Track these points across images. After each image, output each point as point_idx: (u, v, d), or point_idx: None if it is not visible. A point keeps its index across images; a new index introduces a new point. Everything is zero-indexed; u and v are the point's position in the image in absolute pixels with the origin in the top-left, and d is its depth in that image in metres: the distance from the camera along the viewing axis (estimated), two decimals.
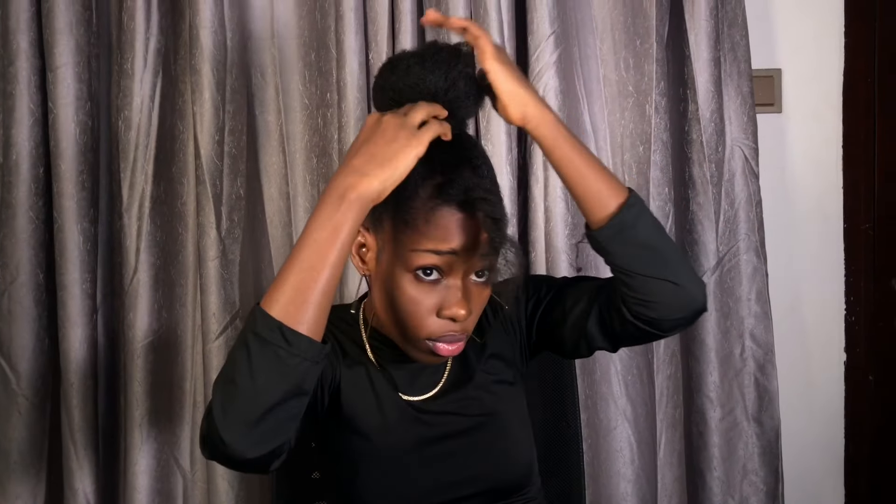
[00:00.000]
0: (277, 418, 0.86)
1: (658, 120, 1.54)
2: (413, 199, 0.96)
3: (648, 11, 1.54)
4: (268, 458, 0.88)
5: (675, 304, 1.01)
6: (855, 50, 1.71)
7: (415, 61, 0.99)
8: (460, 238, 0.96)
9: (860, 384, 1.76)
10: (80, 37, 1.48)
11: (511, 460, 1.10)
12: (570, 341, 1.09)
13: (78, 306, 1.50)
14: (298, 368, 0.86)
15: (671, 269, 1.01)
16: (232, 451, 0.85)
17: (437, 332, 0.99)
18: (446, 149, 0.97)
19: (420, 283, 0.98)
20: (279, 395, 0.85)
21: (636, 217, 1.00)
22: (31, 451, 1.55)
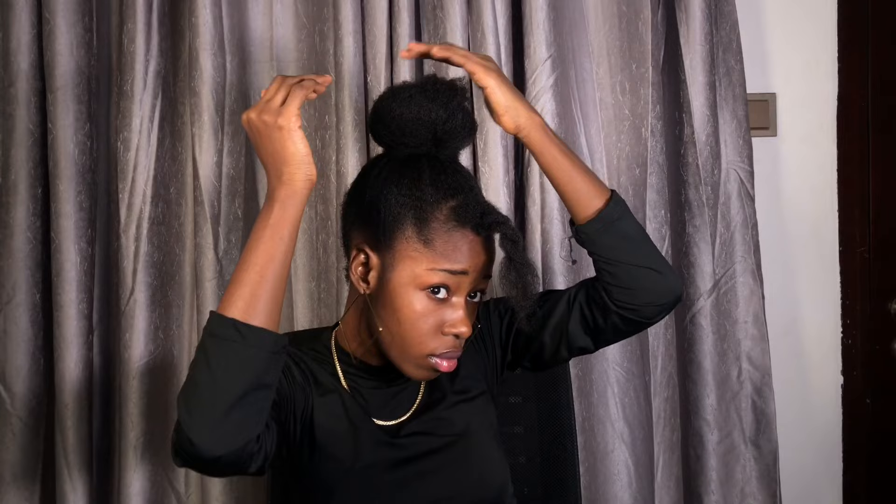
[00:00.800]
0: (242, 413, 0.88)
1: (654, 143, 1.55)
2: (433, 221, 1.02)
3: (644, 36, 1.56)
4: (238, 455, 0.89)
5: (657, 290, 1.09)
6: (848, 75, 1.73)
7: (417, 91, 1.05)
8: (472, 259, 1.03)
9: (857, 407, 1.75)
10: (80, 58, 1.49)
11: (484, 478, 1.11)
12: (550, 346, 1.14)
13: (74, 327, 1.49)
14: (255, 359, 0.89)
15: (653, 259, 1.10)
16: (200, 451, 0.87)
17: (440, 348, 1.03)
18: (452, 173, 1.05)
19: (429, 301, 1.02)
20: (240, 388, 0.87)
21: (621, 212, 1.09)
22: (25, 473, 1.54)
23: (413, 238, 1.02)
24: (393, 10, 1.51)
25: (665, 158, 1.58)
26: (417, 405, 1.12)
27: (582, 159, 1.54)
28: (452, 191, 1.03)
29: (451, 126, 1.05)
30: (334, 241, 1.54)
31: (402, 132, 1.05)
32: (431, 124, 1.04)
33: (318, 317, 1.57)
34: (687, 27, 1.55)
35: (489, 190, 1.50)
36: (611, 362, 1.56)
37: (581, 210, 1.08)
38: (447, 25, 1.50)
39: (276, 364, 0.91)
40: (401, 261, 1.02)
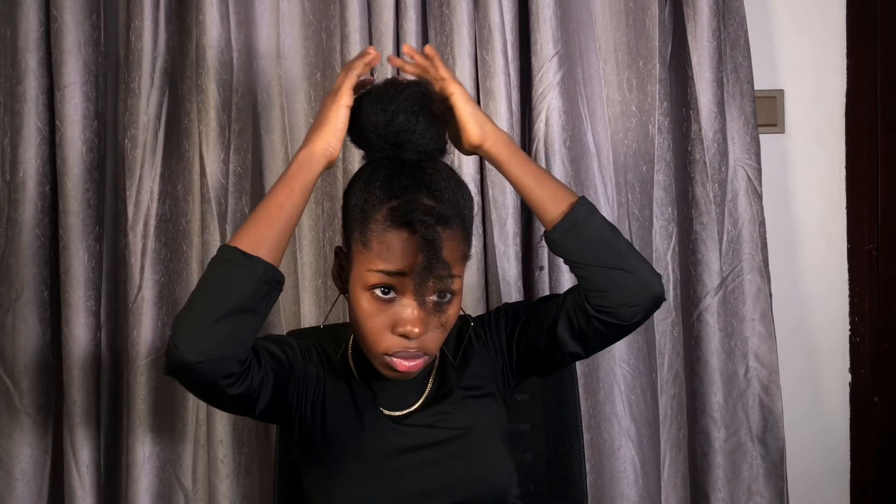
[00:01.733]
0: (225, 328, 0.95)
1: (661, 140, 1.55)
2: (370, 223, 1.03)
3: (651, 33, 1.55)
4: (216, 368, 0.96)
5: (631, 290, 1.07)
6: (857, 71, 1.72)
7: (365, 97, 1.07)
8: (409, 259, 1.02)
9: (865, 405, 1.75)
10: (87, 56, 1.50)
11: (487, 475, 1.12)
12: (546, 352, 1.14)
13: (82, 324, 1.50)
14: (245, 282, 0.96)
15: (623, 259, 1.08)
16: (181, 354, 0.94)
17: (393, 347, 1.05)
18: (405, 174, 1.04)
19: (376, 301, 1.04)
20: (226, 304, 0.95)
21: (587, 214, 1.08)
22: (34, 468, 1.55)
23: (357, 240, 1.05)
24: (399, 7, 1.51)
25: (672, 155, 1.58)
26: (425, 399, 1.14)
27: (588, 157, 1.56)
28: (398, 191, 1.03)
29: (393, 129, 1.05)
30: (340, 240, 1.54)
31: (357, 141, 1.09)
32: (374, 128, 1.06)
33: (325, 314, 1.58)
34: (694, 23, 1.54)
35: None
36: (617, 360, 1.56)
37: (548, 213, 1.08)
38: (454, 22, 1.50)
39: (265, 293, 0.98)
40: (353, 262, 1.06)
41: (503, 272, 1.52)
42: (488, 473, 1.12)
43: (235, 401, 1.01)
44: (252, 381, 1.00)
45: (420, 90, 1.07)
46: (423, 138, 1.06)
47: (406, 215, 1.01)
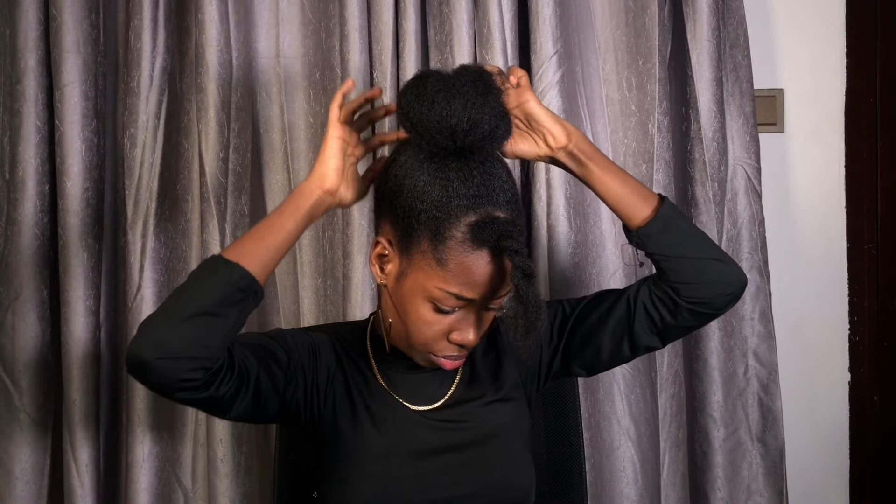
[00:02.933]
0: (188, 329, 0.93)
1: (661, 139, 1.55)
2: (448, 239, 0.98)
3: (651, 32, 1.55)
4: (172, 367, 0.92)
5: (724, 279, 1.09)
6: (856, 70, 1.72)
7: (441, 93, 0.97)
8: (485, 288, 0.99)
9: (864, 404, 1.75)
10: (87, 55, 1.50)
11: (509, 483, 1.10)
12: (610, 347, 1.12)
13: (81, 323, 1.50)
14: (215, 286, 0.95)
15: (715, 250, 1.11)
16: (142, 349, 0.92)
17: (444, 351, 1.03)
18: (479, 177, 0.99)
19: (437, 312, 1.01)
20: (195, 307, 0.94)
21: (675, 209, 1.09)
22: (33, 468, 1.55)
23: (428, 253, 0.99)
24: (399, 5, 1.51)
25: (672, 155, 1.58)
26: (451, 395, 1.11)
27: None
28: (476, 200, 0.98)
29: (473, 137, 0.98)
30: (340, 238, 1.54)
31: (421, 137, 0.99)
32: (450, 132, 0.97)
33: (325, 313, 1.58)
34: (694, 22, 1.54)
35: None
36: None
37: (637, 213, 1.08)
38: (453, 21, 1.50)
39: (237, 299, 0.96)
40: (414, 270, 1.01)
41: None
42: (510, 481, 1.10)
43: (199, 403, 0.99)
44: (218, 389, 0.96)
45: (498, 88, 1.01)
46: (497, 143, 1.02)
47: (495, 241, 0.96)
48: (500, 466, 1.10)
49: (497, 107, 1.00)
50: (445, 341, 1.03)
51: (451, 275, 0.98)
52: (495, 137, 1.00)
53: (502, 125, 1.00)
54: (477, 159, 1.00)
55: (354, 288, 1.50)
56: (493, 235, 0.97)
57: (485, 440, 1.10)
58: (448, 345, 1.03)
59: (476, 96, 0.97)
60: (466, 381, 1.13)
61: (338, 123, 1.05)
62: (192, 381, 0.94)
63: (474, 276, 0.98)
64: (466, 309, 1.01)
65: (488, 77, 1.01)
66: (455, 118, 0.96)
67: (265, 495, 1.56)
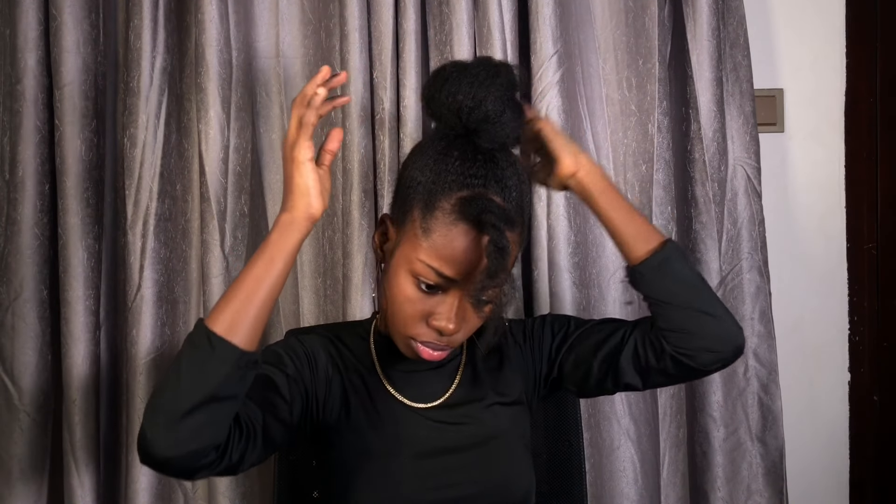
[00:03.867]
0: (198, 421, 0.89)
1: (661, 139, 1.55)
2: (437, 209, 0.99)
3: (651, 31, 1.55)
4: (188, 460, 0.90)
5: (714, 336, 1.05)
6: (856, 70, 1.72)
7: (454, 75, 1.01)
8: (464, 267, 0.99)
9: (864, 404, 1.75)
10: (87, 55, 1.50)
11: (510, 484, 1.10)
12: (597, 375, 1.11)
13: (81, 323, 1.50)
14: (218, 371, 0.89)
15: (710, 305, 1.06)
16: (153, 449, 0.89)
17: (421, 336, 1.02)
18: (479, 163, 0.99)
19: (418, 289, 1.01)
20: (199, 396, 0.89)
21: (676, 254, 1.07)
22: (33, 468, 1.55)
23: (417, 222, 1.00)
24: (399, 5, 1.51)
25: (671, 155, 1.58)
26: (453, 393, 1.11)
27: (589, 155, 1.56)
28: (470, 180, 0.99)
29: (477, 116, 0.99)
30: (340, 238, 1.54)
31: (433, 113, 1.03)
32: (456, 111, 1.00)
33: (325, 313, 1.58)
34: (694, 22, 1.54)
35: None
36: None
37: (637, 249, 1.07)
38: (453, 21, 1.50)
39: (239, 379, 0.91)
40: (404, 240, 1.02)
41: None
42: (512, 483, 1.10)
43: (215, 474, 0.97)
44: (231, 457, 0.95)
45: (512, 78, 1.02)
46: (503, 130, 1.01)
47: (478, 213, 0.97)
48: (500, 469, 1.09)
49: (504, 91, 1.01)
50: (424, 325, 1.02)
51: (433, 247, 0.98)
52: (501, 121, 1.00)
53: (509, 111, 1.01)
54: (484, 146, 1.01)
55: (354, 288, 1.49)
56: (477, 209, 0.97)
57: (485, 442, 1.10)
58: (427, 330, 1.02)
59: (485, 77, 1.00)
60: (468, 383, 1.13)
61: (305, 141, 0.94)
62: (210, 461, 0.93)
63: (454, 251, 0.98)
64: (446, 295, 1.00)
65: (502, 65, 1.03)
66: (461, 94, 0.99)
67: (265, 495, 1.56)
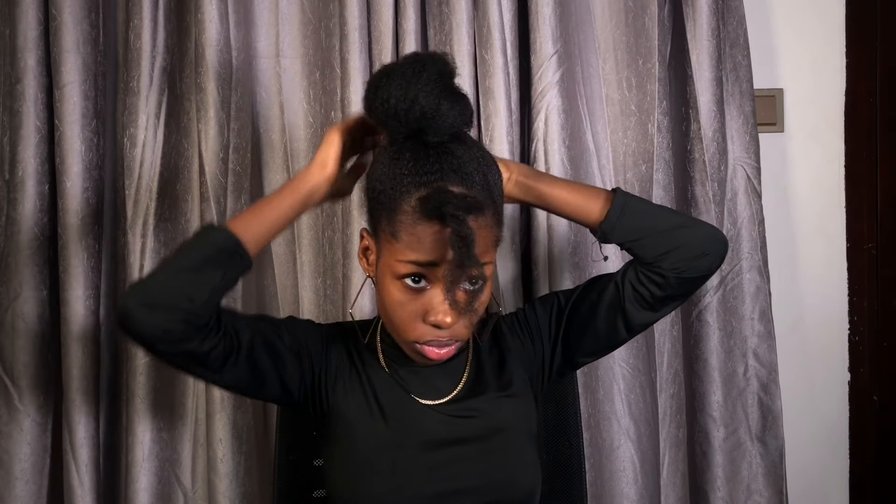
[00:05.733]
0: (173, 283, 0.98)
1: (660, 139, 1.55)
2: (399, 213, 1.00)
3: (650, 31, 1.55)
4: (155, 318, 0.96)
5: (696, 241, 1.11)
6: (856, 70, 1.72)
7: (385, 77, 1.00)
8: (440, 250, 0.99)
9: (864, 404, 1.75)
10: (87, 55, 1.50)
11: (515, 479, 1.11)
12: (606, 331, 1.15)
13: (81, 323, 1.50)
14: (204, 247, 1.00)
15: (681, 217, 1.16)
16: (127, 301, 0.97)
17: (424, 336, 1.03)
18: (431, 159, 1.00)
19: (406, 290, 1.02)
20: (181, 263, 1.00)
21: (628, 196, 1.12)
22: (33, 468, 1.55)
23: (386, 229, 1.02)
24: (399, 5, 1.51)
25: (671, 154, 1.58)
26: (459, 391, 1.12)
27: (587, 156, 1.56)
28: (426, 178, 0.99)
29: (413, 116, 0.98)
30: (340, 238, 1.54)
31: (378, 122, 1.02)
32: (395, 115, 0.99)
33: (324, 312, 1.58)
34: (694, 22, 1.54)
35: None
36: (616, 359, 1.56)
37: (592, 213, 1.12)
38: (453, 21, 1.50)
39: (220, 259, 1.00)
40: (382, 249, 1.04)
41: (502, 272, 1.52)
42: (517, 476, 1.11)
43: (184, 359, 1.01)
44: (202, 344, 0.99)
45: (441, 67, 1.01)
46: (446, 121, 1.00)
47: (437, 208, 0.96)
48: (505, 462, 1.10)
49: (436, 83, 0.99)
50: (422, 324, 1.02)
51: (404, 244, 1.00)
52: (439, 113, 0.98)
53: (445, 102, 0.99)
54: (433, 140, 1.00)
55: (354, 288, 1.49)
56: (437, 204, 0.97)
57: (491, 435, 1.10)
58: (427, 329, 1.02)
59: (412, 75, 0.98)
60: (473, 377, 1.14)
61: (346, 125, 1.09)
62: (173, 333, 0.97)
63: (425, 244, 0.99)
64: (435, 288, 1.01)
65: (428, 56, 1.01)
66: (393, 97, 0.98)
67: (265, 495, 1.56)
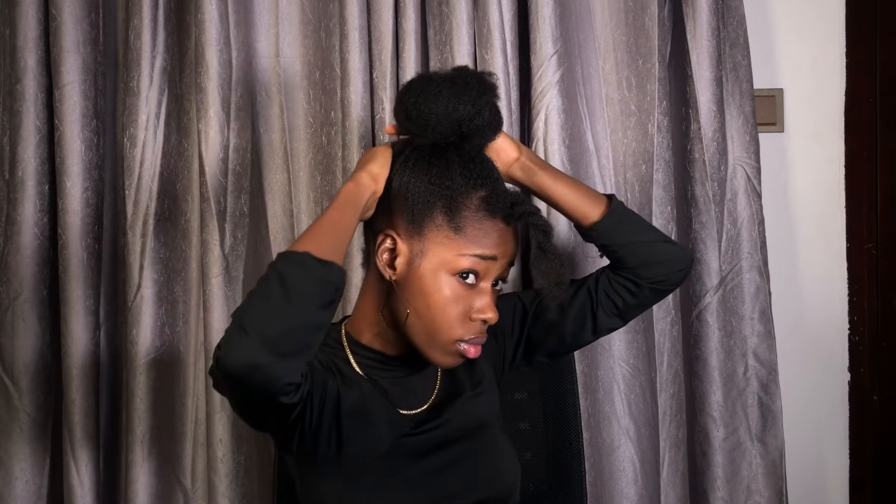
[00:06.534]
0: (301, 330, 0.92)
1: (660, 139, 1.55)
2: (463, 209, 1.06)
3: (650, 31, 1.55)
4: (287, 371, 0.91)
5: (676, 257, 1.21)
6: (856, 70, 1.72)
7: (446, 87, 1.07)
8: (501, 246, 1.06)
9: (864, 404, 1.75)
10: (86, 55, 1.50)
11: (500, 472, 1.13)
12: (573, 332, 1.21)
13: (81, 323, 1.50)
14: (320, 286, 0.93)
15: (662, 234, 1.24)
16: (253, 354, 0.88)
17: (467, 334, 1.06)
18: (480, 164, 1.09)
19: (459, 286, 1.05)
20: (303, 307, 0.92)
21: (623, 205, 1.20)
22: (33, 468, 1.55)
23: (444, 226, 1.05)
24: (399, 5, 1.51)
25: (671, 154, 1.58)
26: (436, 395, 1.14)
27: (587, 156, 1.56)
28: (481, 181, 1.07)
29: (477, 124, 1.08)
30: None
31: (428, 126, 1.08)
32: (458, 121, 1.07)
33: None
34: (693, 22, 1.54)
35: None
36: (616, 359, 1.56)
37: (591, 214, 1.18)
38: (453, 21, 1.50)
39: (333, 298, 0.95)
40: (431, 247, 1.05)
41: None
42: (501, 471, 1.14)
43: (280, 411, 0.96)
44: (303, 390, 0.96)
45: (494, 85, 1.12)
46: (493, 135, 1.13)
47: (507, 207, 1.05)
48: (488, 460, 1.13)
49: (494, 101, 1.12)
50: (469, 322, 1.06)
51: (469, 239, 1.05)
52: (493, 128, 1.11)
53: (497, 117, 1.12)
54: (474, 149, 1.11)
55: (354, 288, 1.49)
56: (505, 203, 1.06)
57: (474, 434, 1.13)
58: (471, 326, 1.06)
59: (479, 88, 1.09)
60: (447, 381, 1.16)
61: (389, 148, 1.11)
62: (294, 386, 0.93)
63: (491, 238, 1.05)
64: (483, 282, 1.06)
65: (487, 76, 1.13)
66: (463, 107, 1.06)
67: (265, 495, 1.56)
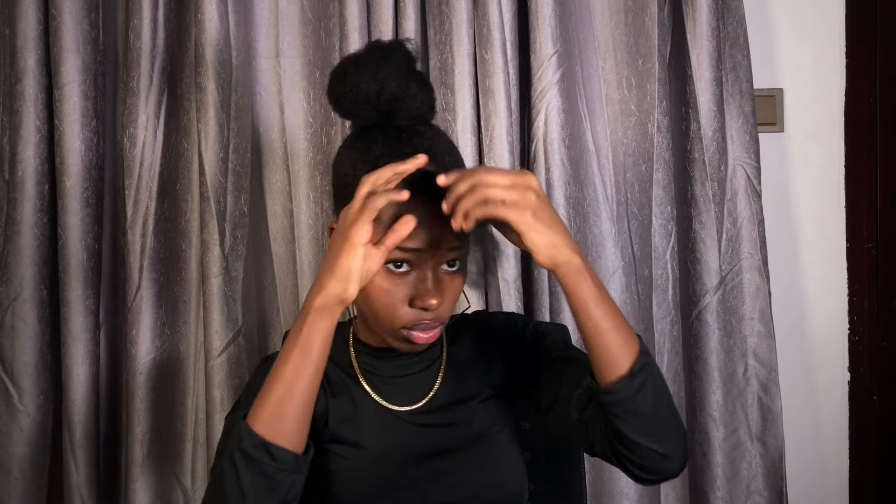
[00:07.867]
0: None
1: (660, 139, 1.55)
2: None
3: (650, 31, 1.55)
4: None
5: (655, 468, 0.98)
6: (856, 70, 1.72)
7: (351, 66, 1.01)
8: (426, 233, 0.98)
9: (864, 404, 1.75)
10: (86, 55, 1.50)
11: (503, 481, 1.09)
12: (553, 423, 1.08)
13: (81, 323, 1.50)
14: (285, 482, 0.92)
15: (659, 437, 0.96)
16: None
17: (411, 321, 1.01)
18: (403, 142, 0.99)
19: (391, 276, 1.00)
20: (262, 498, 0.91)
21: (641, 385, 0.95)
22: (33, 468, 1.55)
23: None
24: (399, 5, 1.51)
25: (671, 154, 1.58)
26: (435, 393, 1.10)
27: (587, 156, 1.56)
28: (401, 158, 0.96)
29: (385, 98, 0.99)
30: None
31: (343, 110, 1.03)
32: (366, 101, 1.00)
33: None
34: (693, 22, 1.54)
35: None
36: None
37: (603, 373, 0.96)
38: (453, 21, 1.50)
39: (301, 480, 0.94)
40: None
41: (502, 272, 1.52)
42: (504, 480, 1.09)
43: None
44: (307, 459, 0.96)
45: (406, 52, 1.02)
46: (415, 103, 1.01)
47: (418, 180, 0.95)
48: (491, 467, 1.09)
49: (403, 66, 1.01)
50: (409, 310, 1.00)
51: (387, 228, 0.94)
52: (409, 95, 1.00)
53: (413, 83, 1.00)
54: (403, 127, 1.01)
55: None
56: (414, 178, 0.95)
57: (474, 441, 1.09)
58: (414, 313, 1.00)
59: (380, 58, 1.00)
60: (450, 383, 1.12)
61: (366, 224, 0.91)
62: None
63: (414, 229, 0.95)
64: (419, 271, 1.00)
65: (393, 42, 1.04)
66: (363, 82, 0.99)
67: None
